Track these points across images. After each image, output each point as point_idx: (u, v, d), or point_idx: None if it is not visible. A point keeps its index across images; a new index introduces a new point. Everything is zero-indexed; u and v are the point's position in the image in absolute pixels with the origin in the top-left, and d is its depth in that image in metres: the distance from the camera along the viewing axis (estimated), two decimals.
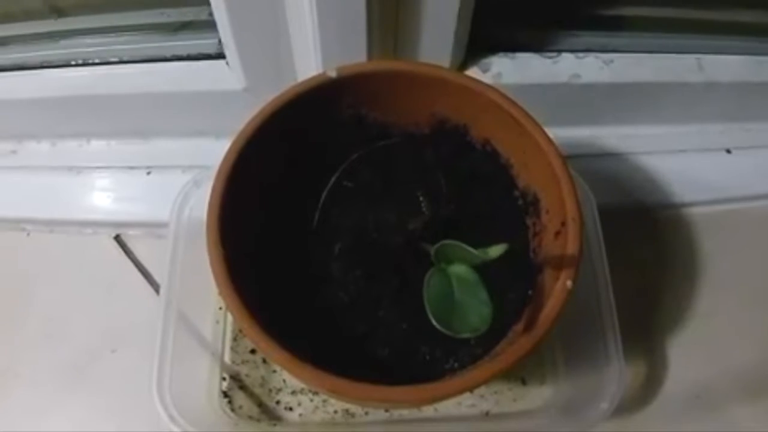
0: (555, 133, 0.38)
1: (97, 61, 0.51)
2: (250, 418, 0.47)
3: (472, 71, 0.51)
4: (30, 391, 0.49)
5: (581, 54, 0.51)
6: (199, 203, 0.45)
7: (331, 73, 0.39)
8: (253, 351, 0.49)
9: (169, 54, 0.51)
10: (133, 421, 0.47)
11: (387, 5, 0.43)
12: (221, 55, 0.49)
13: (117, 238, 0.55)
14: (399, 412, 0.47)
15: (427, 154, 0.43)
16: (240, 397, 0.48)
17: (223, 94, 0.51)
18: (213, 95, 0.51)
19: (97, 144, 0.58)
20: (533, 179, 0.40)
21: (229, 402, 0.48)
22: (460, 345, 0.38)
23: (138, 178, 0.56)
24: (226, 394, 0.48)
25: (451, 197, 0.42)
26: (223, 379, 0.48)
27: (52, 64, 0.52)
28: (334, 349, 0.37)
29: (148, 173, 0.56)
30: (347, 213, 0.42)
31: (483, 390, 0.48)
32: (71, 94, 0.52)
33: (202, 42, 0.50)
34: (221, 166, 0.37)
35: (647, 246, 0.55)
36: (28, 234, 0.56)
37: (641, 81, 0.52)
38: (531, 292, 0.38)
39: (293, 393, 0.48)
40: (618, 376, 0.41)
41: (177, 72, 0.51)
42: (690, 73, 0.53)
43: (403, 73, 0.40)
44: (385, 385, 0.32)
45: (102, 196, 0.56)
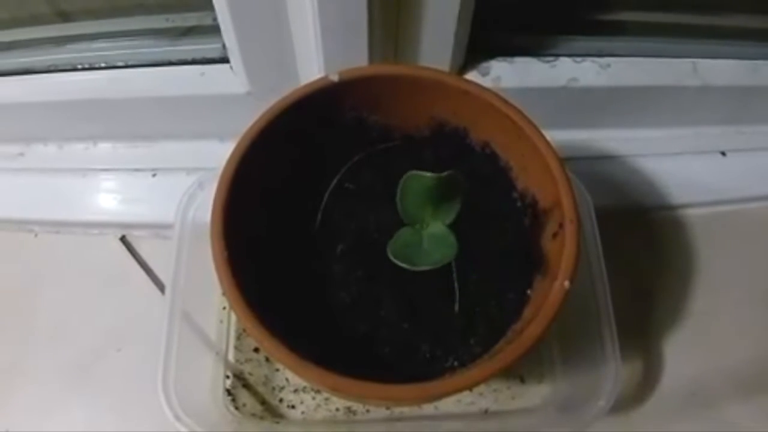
0: (553, 135, 0.38)
1: (103, 65, 0.52)
2: (253, 415, 0.47)
3: (472, 75, 0.51)
4: (36, 389, 0.49)
5: (579, 58, 0.51)
6: (204, 205, 0.45)
7: (333, 76, 0.39)
8: (256, 350, 0.49)
9: (174, 58, 0.51)
10: (138, 419, 0.47)
11: (388, 10, 0.43)
12: (225, 60, 0.49)
13: (123, 239, 0.55)
14: (400, 410, 0.47)
15: (427, 156, 0.43)
16: (244, 395, 0.48)
17: (226, 98, 0.51)
18: (217, 99, 0.51)
19: (103, 147, 0.58)
20: (532, 181, 0.40)
21: (233, 400, 0.48)
22: (460, 344, 0.38)
23: (143, 180, 0.56)
24: (229, 392, 0.48)
25: None
26: (227, 377, 0.48)
27: (59, 68, 0.52)
28: (335, 348, 0.37)
29: (154, 175, 0.56)
30: (349, 214, 0.42)
31: (482, 388, 0.48)
32: (77, 97, 0.52)
33: (207, 47, 0.50)
34: (225, 169, 0.37)
35: (644, 247, 0.55)
36: (36, 235, 0.56)
37: (637, 85, 0.52)
38: (530, 292, 0.38)
39: (296, 391, 0.48)
40: (615, 374, 0.41)
41: (182, 76, 0.51)
42: (685, 77, 0.53)
43: (404, 76, 0.40)
44: (386, 383, 0.32)
45: (108, 198, 0.56)
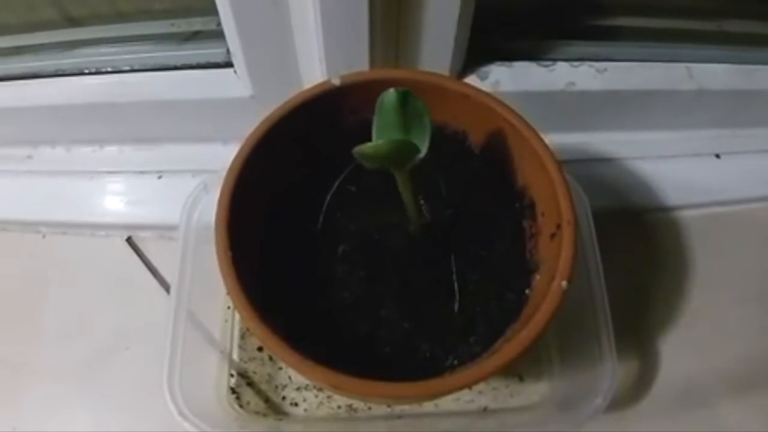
0: (551, 138, 0.38)
1: (109, 69, 0.51)
2: (257, 413, 0.47)
3: (471, 79, 0.51)
4: (45, 387, 0.49)
5: (576, 63, 0.52)
6: (208, 206, 0.45)
7: (335, 80, 0.39)
8: (260, 349, 0.49)
9: (179, 63, 0.51)
10: (145, 416, 0.47)
11: (388, 16, 0.43)
12: (229, 64, 0.49)
13: (129, 240, 0.55)
14: (400, 408, 0.47)
15: (427, 158, 0.43)
16: (247, 393, 0.48)
17: (230, 102, 0.51)
18: (221, 102, 0.51)
19: (110, 149, 0.58)
20: (530, 183, 0.40)
21: (237, 398, 0.48)
22: (459, 343, 0.38)
23: (149, 182, 0.56)
24: (234, 390, 0.48)
25: (450, 200, 0.42)
26: (231, 375, 0.48)
27: (66, 72, 0.52)
28: (337, 347, 0.37)
29: (159, 177, 0.56)
30: (350, 216, 0.42)
31: (482, 386, 0.48)
32: (85, 101, 0.52)
33: (211, 51, 0.50)
34: (229, 171, 0.37)
35: (639, 247, 0.55)
36: (44, 236, 0.57)
37: (633, 89, 0.52)
38: (528, 292, 0.38)
39: (298, 389, 0.48)
40: (612, 373, 0.41)
41: (187, 80, 0.51)
42: (680, 82, 0.53)
43: (404, 80, 0.40)
44: (387, 381, 0.32)
45: (114, 200, 0.56)
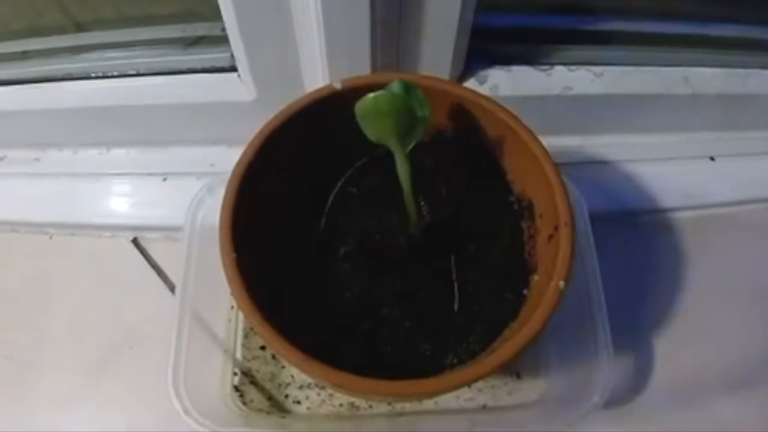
0: (548, 141, 0.38)
1: (115, 74, 0.52)
2: (260, 411, 0.47)
3: (470, 83, 0.51)
4: (52, 386, 0.50)
5: (573, 67, 0.51)
6: (213, 208, 0.45)
7: (337, 84, 0.39)
8: (263, 348, 0.49)
9: (184, 67, 0.51)
10: (150, 414, 0.47)
11: (389, 22, 0.43)
12: (233, 68, 0.50)
13: (135, 241, 0.56)
14: (401, 406, 0.47)
15: (427, 161, 0.43)
16: (251, 392, 0.48)
17: (234, 105, 0.51)
18: (225, 106, 0.51)
19: (116, 152, 0.58)
20: (528, 185, 0.40)
21: (241, 396, 0.48)
22: (459, 342, 0.38)
23: (155, 184, 0.56)
24: (237, 389, 0.48)
25: (450, 202, 0.42)
26: (235, 374, 0.48)
27: (73, 76, 0.52)
28: (339, 346, 0.37)
29: (164, 180, 0.56)
30: (352, 217, 0.42)
31: (481, 384, 0.48)
32: (91, 105, 0.52)
33: (216, 56, 0.51)
34: (233, 173, 0.37)
35: (635, 248, 0.55)
36: (51, 237, 0.57)
37: (630, 93, 0.52)
38: (526, 292, 0.38)
39: (301, 387, 0.48)
40: (608, 371, 0.41)
41: (191, 84, 0.51)
42: (677, 86, 0.52)
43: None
44: (388, 379, 0.32)
45: (120, 202, 0.56)
